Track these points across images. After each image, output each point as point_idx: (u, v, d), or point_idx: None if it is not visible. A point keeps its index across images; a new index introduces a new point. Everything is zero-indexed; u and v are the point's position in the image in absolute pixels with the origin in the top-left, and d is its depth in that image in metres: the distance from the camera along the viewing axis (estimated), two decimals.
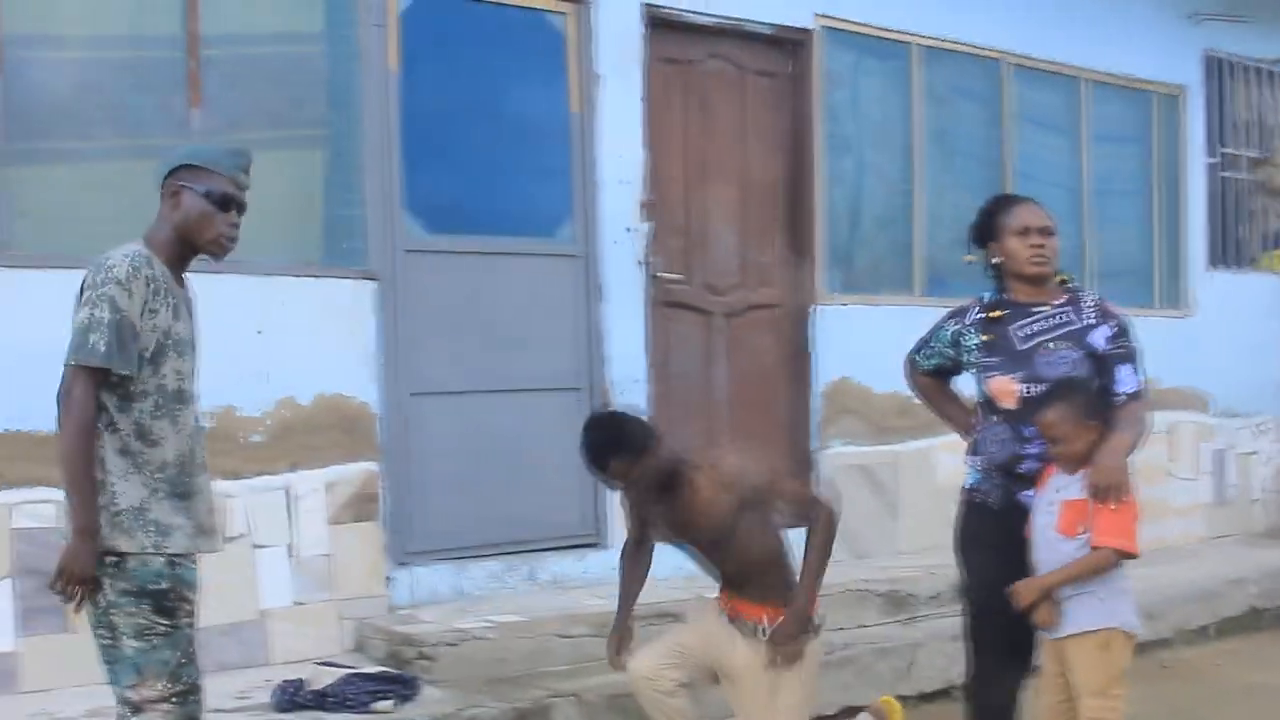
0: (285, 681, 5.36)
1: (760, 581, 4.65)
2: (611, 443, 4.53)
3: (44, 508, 5.39)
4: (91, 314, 3.53)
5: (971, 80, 8.76)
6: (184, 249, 3.76)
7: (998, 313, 4.58)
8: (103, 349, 3.50)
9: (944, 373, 4.81)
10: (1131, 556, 4.26)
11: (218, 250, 3.77)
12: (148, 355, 3.61)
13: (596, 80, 7.02)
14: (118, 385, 3.58)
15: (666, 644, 4.73)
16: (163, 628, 3.59)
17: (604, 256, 7.03)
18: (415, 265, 6.49)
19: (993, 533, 4.49)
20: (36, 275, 5.43)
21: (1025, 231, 4.52)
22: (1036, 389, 4.38)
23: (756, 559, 4.64)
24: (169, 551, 3.60)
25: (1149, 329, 9.29)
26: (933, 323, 4.84)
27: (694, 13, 7.43)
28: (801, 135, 7.89)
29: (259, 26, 6.19)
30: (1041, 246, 4.52)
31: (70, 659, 5.37)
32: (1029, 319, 4.52)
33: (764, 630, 4.58)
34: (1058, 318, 4.50)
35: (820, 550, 4.61)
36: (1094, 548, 4.21)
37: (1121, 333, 4.50)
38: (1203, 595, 8.02)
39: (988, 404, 4.52)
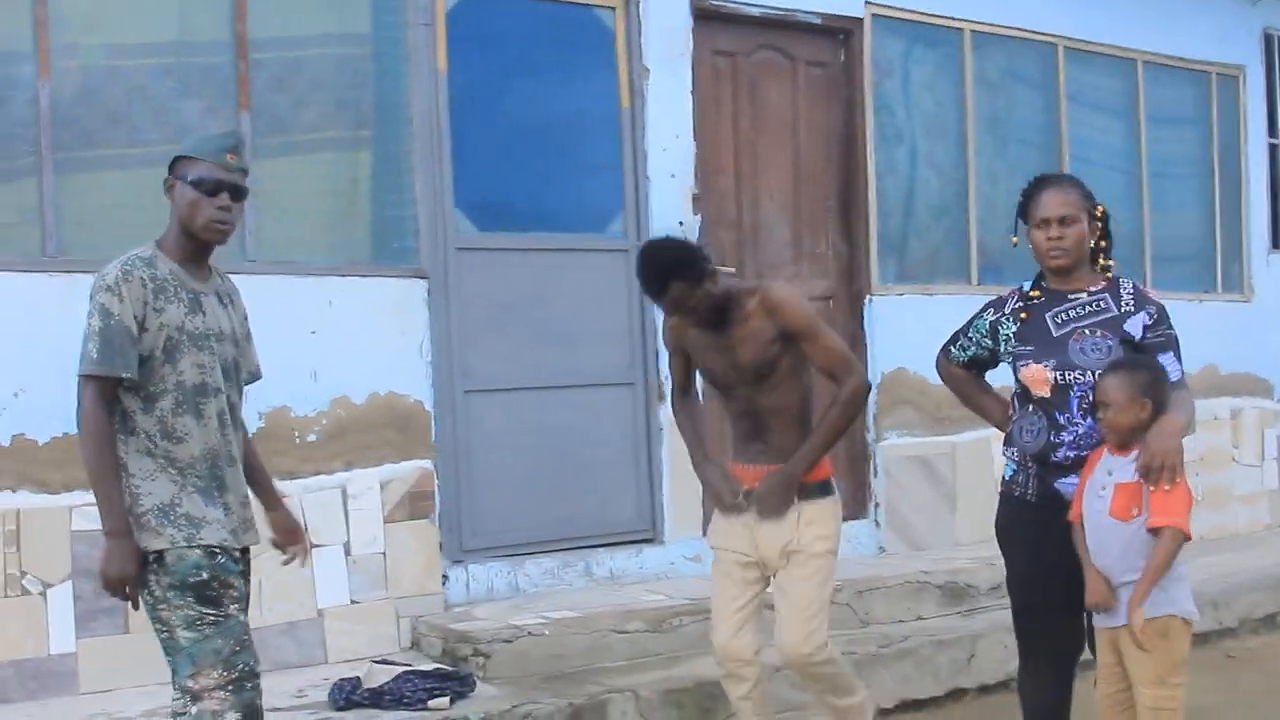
0: (342, 679, 5.39)
1: (780, 439, 4.63)
2: (674, 264, 4.45)
3: None
4: (88, 324, 3.64)
5: (1025, 65, 8.67)
6: (192, 242, 3.79)
7: (1034, 301, 4.49)
8: (95, 356, 3.59)
9: (979, 364, 4.70)
10: (1186, 539, 4.19)
11: (214, 236, 3.79)
12: (159, 353, 3.66)
13: (645, 74, 7.01)
14: (135, 388, 3.66)
15: (721, 608, 4.75)
16: (211, 617, 3.66)
17: None
18: (466, 263, 6.50)
19: (1030, 525, 4.41)
20: (87, 280, 5.44)
21: (1044, 223, 4.39)
22: (1070, 375, 4.30)
23: (783, 405, 4.62)
24: (204, 543, 3.66)
25: (1209, 314, 9.32)
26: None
27: (742, 4, 7.39)
28: (853, 124, 7.84)
29: (307, 28, 6.22)
30: (1059, 239, 4.38)
31: (129, 660, 5.44)
32: (1065, 305, 4.42)
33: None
34: (1094, 304, 4.39)
35: (840, 410, 4.58)
36: (1150, 528, 4.13)
37: (1160, 320, 4.37)
38: (1269, 583, 7.89)
39: (1022, 393, 4.44)
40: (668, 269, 4.45)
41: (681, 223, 7.06)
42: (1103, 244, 4.54)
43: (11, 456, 5.36)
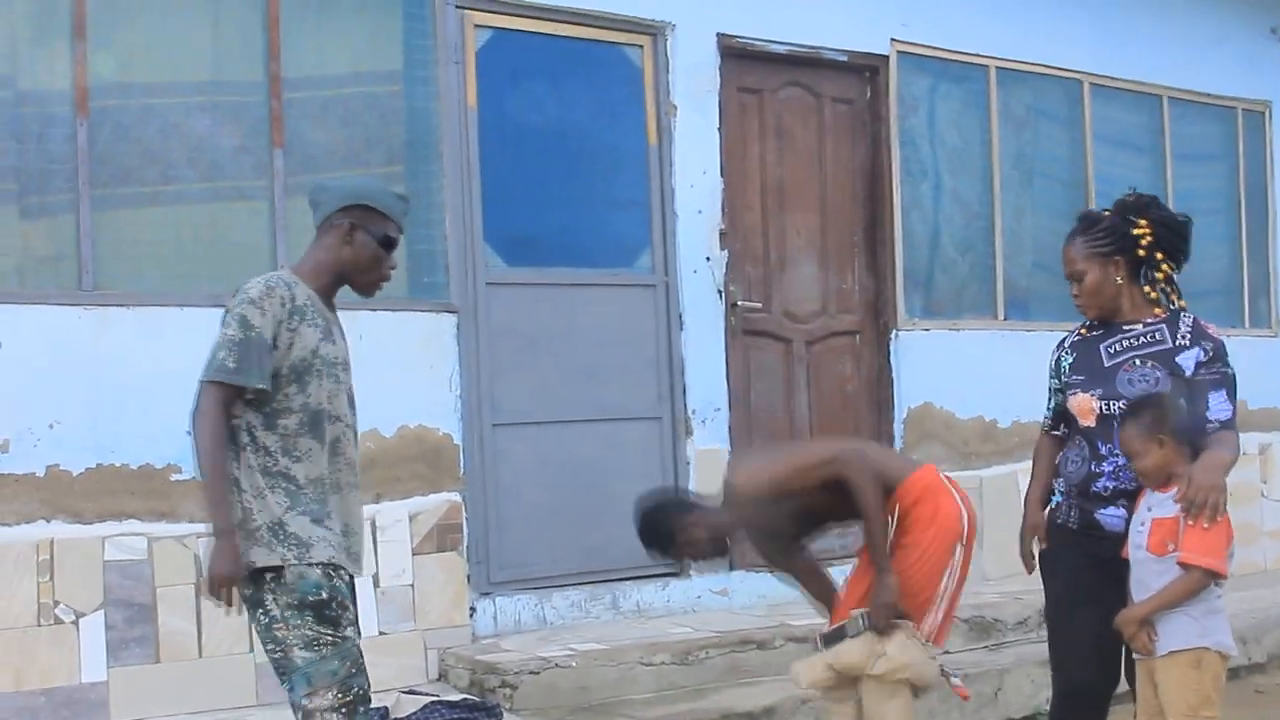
0: (369, 710, 5.40)
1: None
2: (655, 537, 4.77)
3: (134, 540, 5.52)
4: (224, 333, 3.68)
5: (1050, 101, 8.71)
6: (338, 281, 3.93)
7: (1093, 332, 4.48)
8: (231, 365, 3.63)
9: (1063, 415, 4.56)
10: (1221, 577, 4.19)
11: (377, 290, 3.99)
12: (286, 372, 3.72)
13: (673, 111, 7.07)
14: (260, 403, 3.71)
15: None
16: (329, 637, 3.69)
17: (683, 286, 7.06)
18: (496, 297, 6.56)
19: (1070, 553, 4.42)
20: (121, 313, 5.58)
21: (1068, 278, 4.47)
22: (1115, 406, 4.29)
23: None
24: (316, 561, 3.70)
25: (1237, 349, 9.12)
26: (1003, 355, 4.77)
27: (769, 41, 7.46)
28: (879, 160, 7.89)
29: (339, 67, 6.31)
30: (1077, 295, 4.44)
31: (159, 689, 5.50)
32: (1119, 336, 4.40)
33: (862, 619, 4.54)
34: (1149, 336, 4.37)
35: (864, 511, 4.56)
36: (1181, 564, 4.14)
37: (1215, 359, 4.33)
38: None
39: (1072, 422, 4.46)
40: (653, 543, 4.79)
41: (709, 258, 7.11)
42: (1164, 266, 4.44)
43: (46, 487, 5.43)
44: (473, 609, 6.37)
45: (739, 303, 7.29)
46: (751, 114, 7.52)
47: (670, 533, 4.73)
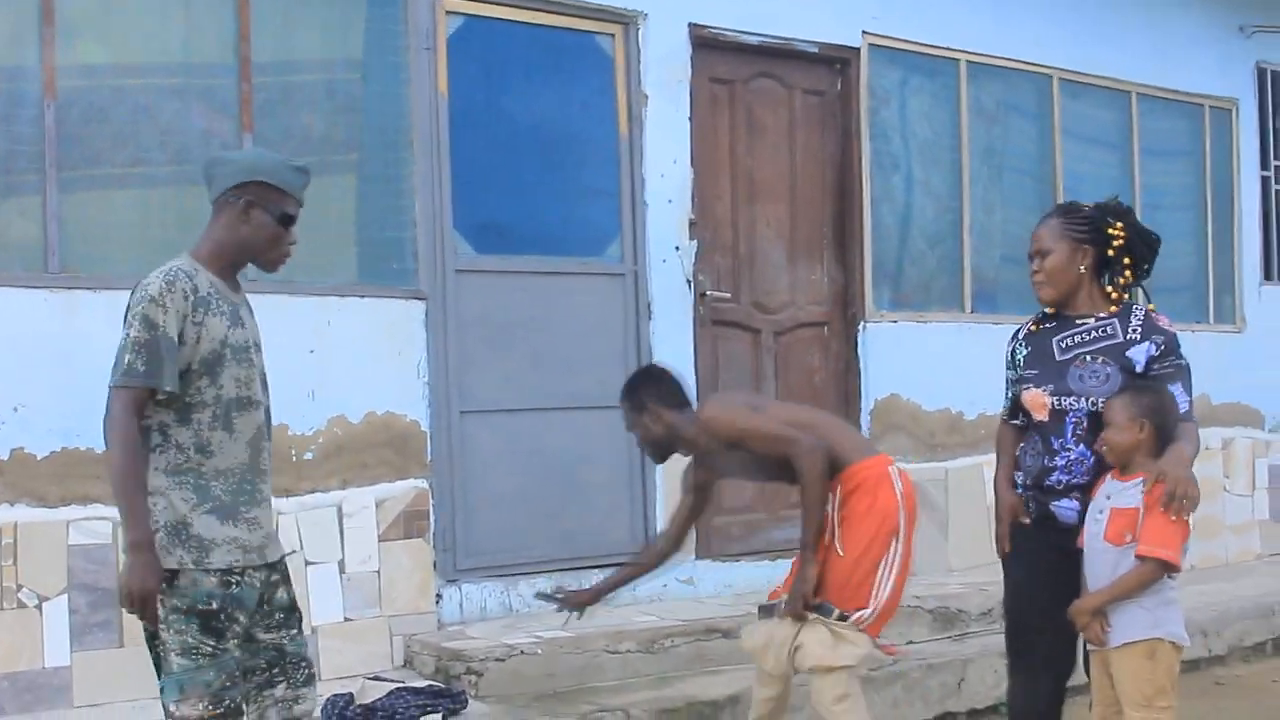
0: (334, 695, 5.42)
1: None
2: (625, 388, 4.98)
3: (98, 524, 5.50)
4: (128, 334, 3.58)
5: (1020, 96, 8.75)
6: (239, 259, 3.82)
7: (1046, 325, 4.52)
8: (141, 368, 3.54)
9: (1019, 406, 4.57)
10: (1174, 569, 4.24)
11: (278, 267, 3.87)
12: (196, 366, 3.63)
13: (644, 100, 7.07)
14: (171, 402, 3.61)
15: None
16: (209, 648, 3.60)
17: (652, 275, 7.07)
18: (465, 285, 6.55)
19: (1026, 545, 4.47)
20: (89, 296, 5.55)
21: (1029, 258, 4.49)
22: (1066, 401, 4.34)
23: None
24: (215, 567, 3.61)
25: (1202, 345, 9.36)
26: (970, 347, 4.81)
27: (740, 31, 7.47)
28: (849, 153, 7.92)
29: (310, 52, 6.28)
30: (1037, 271, 4.46)
31: (123, 674, 5.48)
32: (1071, 330, 4.44)
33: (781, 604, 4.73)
34: (1100, 330, 4.39)
35: (806, 496, 4.63)
36: (1138, 557, 4.19)
37: (1166, 352, 4.35)
38: (1259, 611, 7.93)
39: (1026, 416, 4.50)
40: (624, 390, 4.97)
41: (678, 247, 7.12)
42: (1127, 272, 4.47)
43: (10, 470, 5.40)
44: (439, 596, 6.37)
45: (708, 293, 7.31)
46: (722, 104, 7.53)
47: (642, 403, 4.87)
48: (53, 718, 5.31)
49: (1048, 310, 4.55)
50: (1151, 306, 4.50)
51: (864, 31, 7.90)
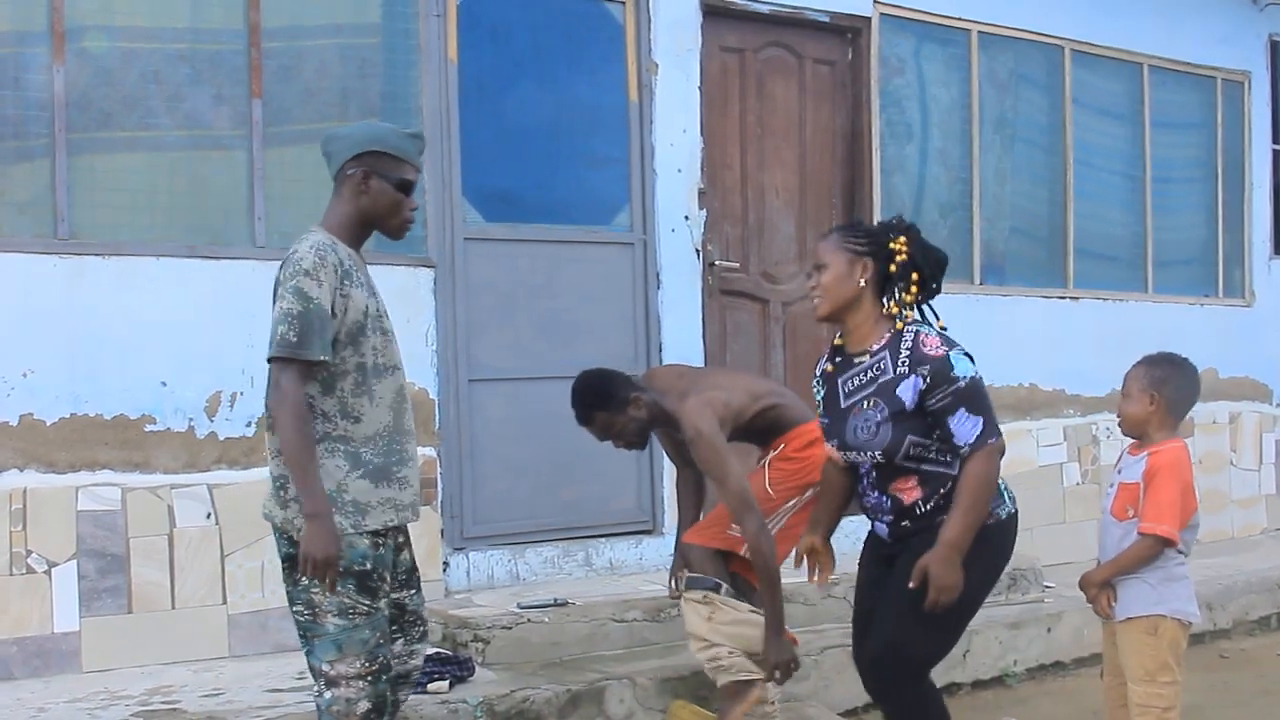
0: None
1: None
2: (594, 398, 5.12)
3: (107, 490, 5.52)
4: (282, 308, 3.66)
5: (1031, 66, 8.71)
6: (365, 230, 3.92)
7: (835, 361, 4.30)
8: (293, 339, 3.62)
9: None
10: (1173, 545, 4.24)
11: (403, 233, 3.98)
12: (344, 338, 3.72)
13: (654, 69, 7.05)
14: (317, 370, 3.70)
15: None
16: (364, 607, 3.73)
17: (661, 244, 7.06)
18: (473, 253, 6.55)
19: (868, 553, 4.45)
20: (97, 262, 5.55)
21: (808, 274, 4.31)
22: (851, 455, 4.20)
23: None
24: (369, 529, 3.72)
25: (1210, 318, 9.36)
26: (978, 320, 4.73)
27: (751, 1, 7.43)
28: (859, 122, 7.89)
29: (319, 18, 6.25)
30: (814, 286, 4.22)
31: (131, 639, 5.51)
32: (852, 370, 4.21)
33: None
34: (875, 368, 4.13)
35: (762, 589, 4.93)
36: (1140, 533, 4.22)
37: (935, 382, 4.00)
38: (1263, 586, 7.95)
39: None
40: (589, 403, 5.11)
41: (687, 217, 7.11)
42: (912, 288, 4.21)
43: (19, 436, 5.41)
44: (446, 563, 6.38)
45: (716, 262, 7.30)
46: (733, 74, 7.50)
47: (623, 399, 5.03)
48: (62, 682, 5.33)
49: (837, 342, 4.33)
50: (941, 325, 4.23)
51: (875, 1, 7.86)
